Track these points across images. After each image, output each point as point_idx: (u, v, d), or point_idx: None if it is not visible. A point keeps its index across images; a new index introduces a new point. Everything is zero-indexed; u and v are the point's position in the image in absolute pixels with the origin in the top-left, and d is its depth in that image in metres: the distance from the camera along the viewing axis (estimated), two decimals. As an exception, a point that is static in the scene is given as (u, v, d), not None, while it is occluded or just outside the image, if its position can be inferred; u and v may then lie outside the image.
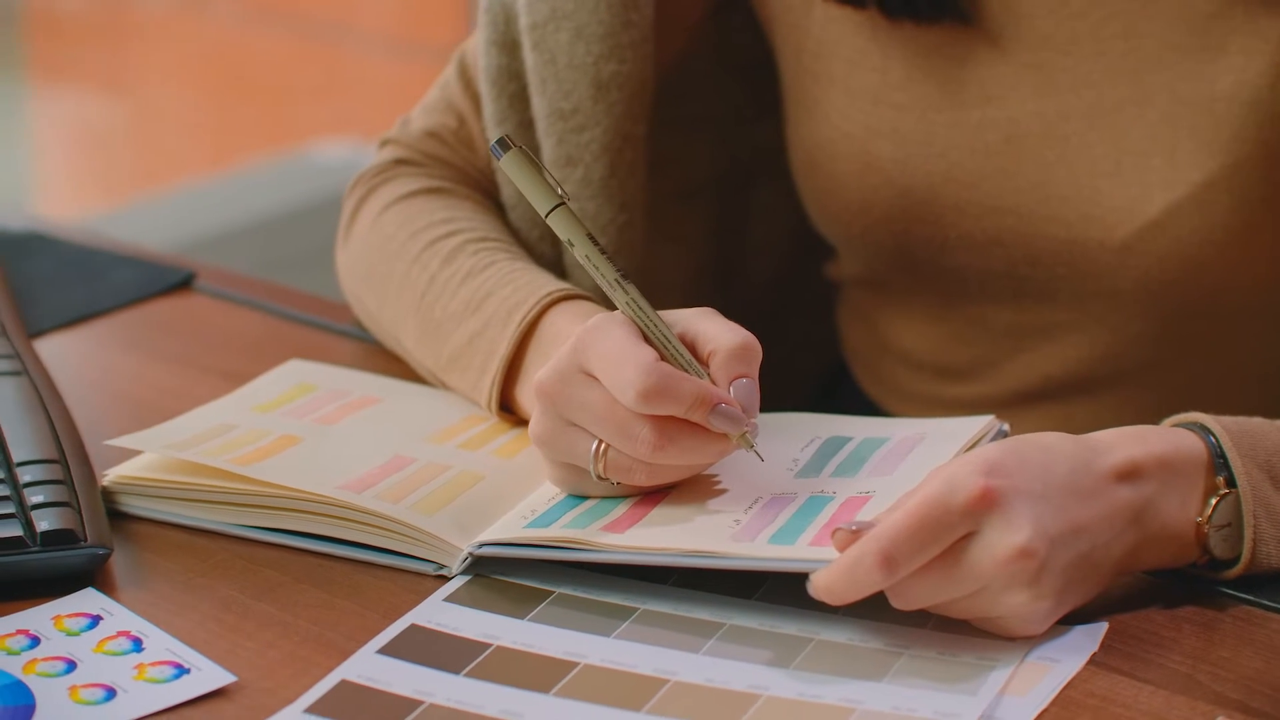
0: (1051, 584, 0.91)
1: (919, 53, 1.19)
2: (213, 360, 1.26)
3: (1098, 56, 1.16)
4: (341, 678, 0.89)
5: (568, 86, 1.20)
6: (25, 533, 0.96)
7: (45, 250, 1.44)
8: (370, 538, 1.00)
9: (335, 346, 1.29)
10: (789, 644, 0.92)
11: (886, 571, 0.89)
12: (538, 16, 1.20)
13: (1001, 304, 1.23)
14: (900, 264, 1.25)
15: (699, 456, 0.98)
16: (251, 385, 1.17)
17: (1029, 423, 1.24)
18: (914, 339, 1.30)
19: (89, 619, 0.94)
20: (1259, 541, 0.96)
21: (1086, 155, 1.16)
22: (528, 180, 1.01)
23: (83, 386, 1.22)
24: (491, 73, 1.24)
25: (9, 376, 1.14)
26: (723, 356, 0.99)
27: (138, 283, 1.38)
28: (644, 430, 0.96)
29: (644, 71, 1.21)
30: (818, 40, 1.23)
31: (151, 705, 0.87)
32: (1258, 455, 0.97)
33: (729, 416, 0.97)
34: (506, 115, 1.24)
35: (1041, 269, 1.19)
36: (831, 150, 1.23)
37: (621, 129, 1.21)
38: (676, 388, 0.96)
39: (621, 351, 0.96)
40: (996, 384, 1.27)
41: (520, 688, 0.89)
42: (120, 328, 1.32)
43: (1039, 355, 1.24)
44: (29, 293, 1.35)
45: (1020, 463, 0.92)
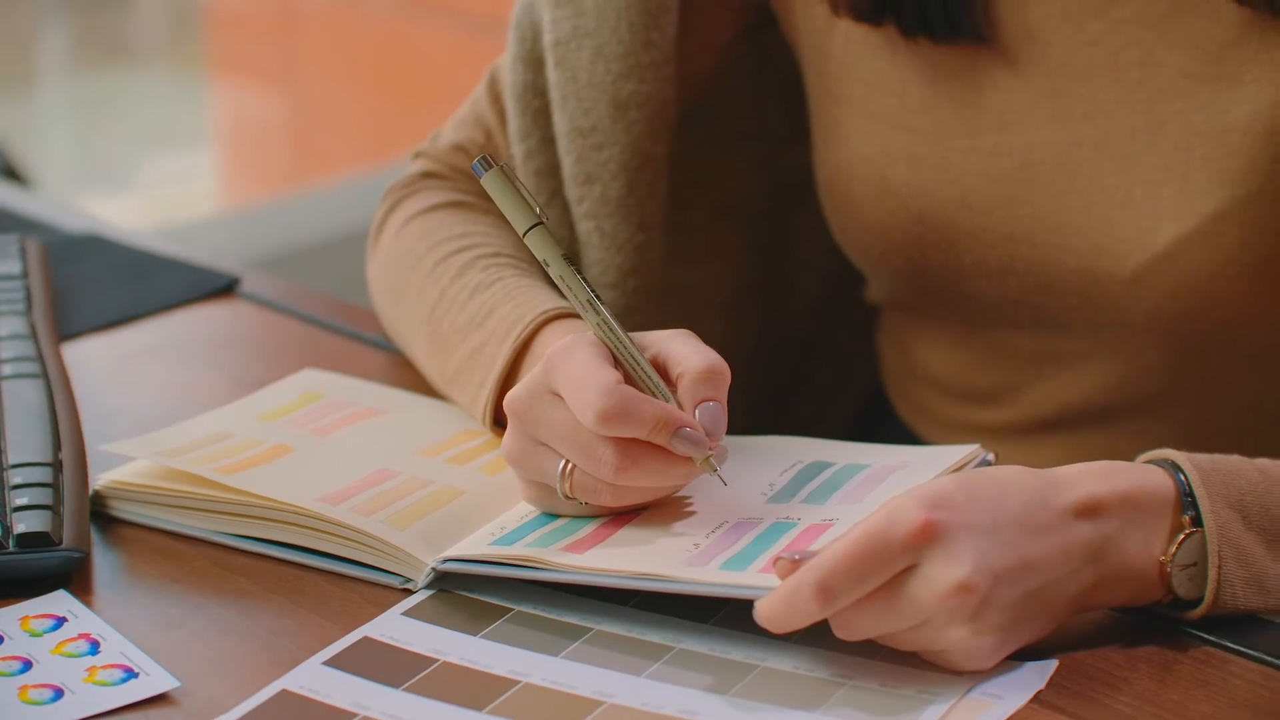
0: (995, 620, 0.91)
1: (937, 77, 1.20)
2: (242, 366, 1.30)
3: (1113, 84, 1.16)
4: (283, 687, 0.93)
5: (587, 104, 1.23)
6: (1, 534, 1.00)
7: (99, 253, 1.49)
8: (341, 549, 1.03)
9: (368, 357, 1.33)
10: (733, 670, 0.94)
11: (823, 602, 0.90)
12: (561, 34, 1.23)
13: (1019, 331, 1.24)
14: (919, 289, 1.26)
15: (662, 479, 1.00)
16: (260, 393, 1.21)
17: (1050, 450, 1.25)
18: (940, 363, 1.31)
19: (54, 620, 0.98)
20: (1223, 582, 0.96)
21: (1099, 184, 1.16)
22: (507, 199, 1.04)
23: (107, 388, 1.26)
24: (517, 89, 1.27)
25: (26, 379, 1.19)
26: (689, 379, 1.01)
27: (181, 287, 1.42)
28: (607, 451, 0.98)
29: (665, 92, 1.23)
30: (839, 62, 1.24)
31: (95, 707, 0.91)
32: (1229, 494, 0.97)
33: (690, 440, 0.99)
34: (530, 131, 1.26)
35: (1054, 298, 1.20)
36: (850, 173, 1.25)
37: (640, 148, 1.23)
38: (636, 410, 0.98)
39: (584, 373, 0.99)
40: (1019, 410, 1.27)
41: (455, 704, 0.91)
42: (157, 331, 1.37)
43: (1057, 383, 1.24)
44: (75, 294, 1.41)
45: (969, 497, 0.93)
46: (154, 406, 1.23)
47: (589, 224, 1.25)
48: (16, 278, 1.37)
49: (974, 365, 1.28)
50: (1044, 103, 1.18)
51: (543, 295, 1.14)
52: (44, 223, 1.59)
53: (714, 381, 1.01)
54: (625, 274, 1.25)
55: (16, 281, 1.36)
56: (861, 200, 1.24)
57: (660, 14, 1.22)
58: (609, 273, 1.25)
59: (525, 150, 1.27)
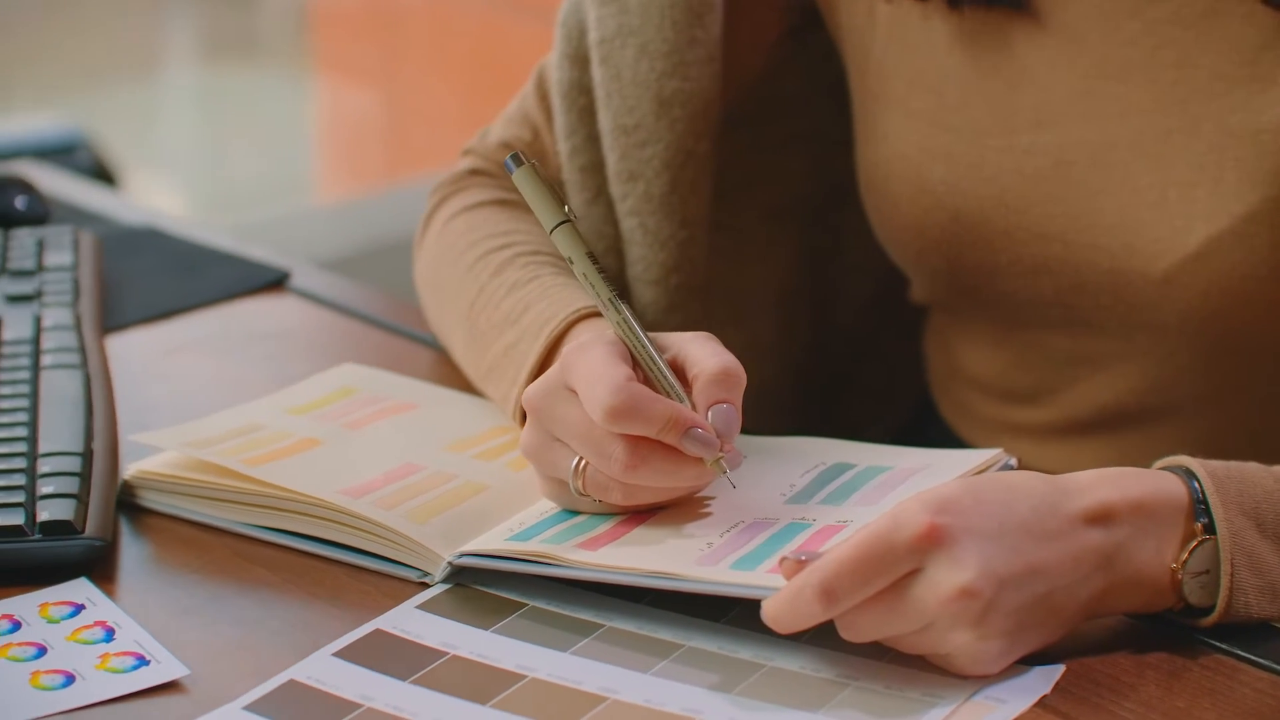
0: (1000, 625, 0.92)
1: (975, 76, 1.21)
2: (286, 361, 1.32)
3: (1148, 85, 1.16)
4: (290, 677, 0.94)
5: (631, 102, 1.24)
6: (26, 522, 1.03)
7: (155, 245, 1.52)
8: (361, 542, 1.05)
9: (414, 354, 1.34)
10: (740, 669, 0.95)
11: (826, 603, 0.91)
12: (606, 31, 1.24)
13: (1055, 331, 1.24)
14: (956, 287, 1.26)
15: (671, 480, 1.01)
16: (296, 387, 1.23)
17: (1089, 451, 1.25)
18: (980, 362, 1.31)
19: (73, 607, 1.00)
20: (1236, 590, 0.96)
21: (1132, 184, 1.16)
22: (537, 196, 1.06)
23: (149, 380, 1.29)
24: (563, 86, 1.28)
25: (66, 369, 1.21)
26: (704, 381, 1.02)
27: (231, 281, 1.45)
28: (617, 449, 1.00)
29: (709, 89, 1.24)
30: (879, 60, 1.25)
31: (103, 694, 0.93)
32: (1244, 502, 0.97)
33: (701, 441, 1.00)
34: (575, 128, 1.28)
35: (1088, 298, 1.20)
36: (888, 170, 1.25)
37: (683, 145, 1.24)
38: (647, 408, 0.99)
39: (596, 370, 1.00)
40: (1058, 410, 1.27)
41: (460, 697, 0.93)
42: (204, 324, 1.39)
43: (1093, 384, 1.24)
44: (128, 286, 1.43)
45: (976, 501, 0.93)
46: (193, 398, 1.25)
47: (632, 221, 1.26)
48: (67, 269, 1.39)
49: (1013, 365, 1.29)
50: (1080, 102, 1.18)
51: (577, 293, 1.16)
52: (105, 215, 1.62)
53: (728, 384, 1.02)
54: (668, 271, 1.26)
55: (66, 273, 1.39)
56: (899, 198, 1.25)
57: (704, 11, 1.23)
58: (651, 269, 1.26)
59: (570, 147, 1.28)
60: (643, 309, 1.27)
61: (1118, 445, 1.25)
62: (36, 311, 1.31)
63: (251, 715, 0.91)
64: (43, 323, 1.29)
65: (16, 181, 1.55)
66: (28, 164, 1.78)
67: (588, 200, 1.28)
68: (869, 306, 1.46)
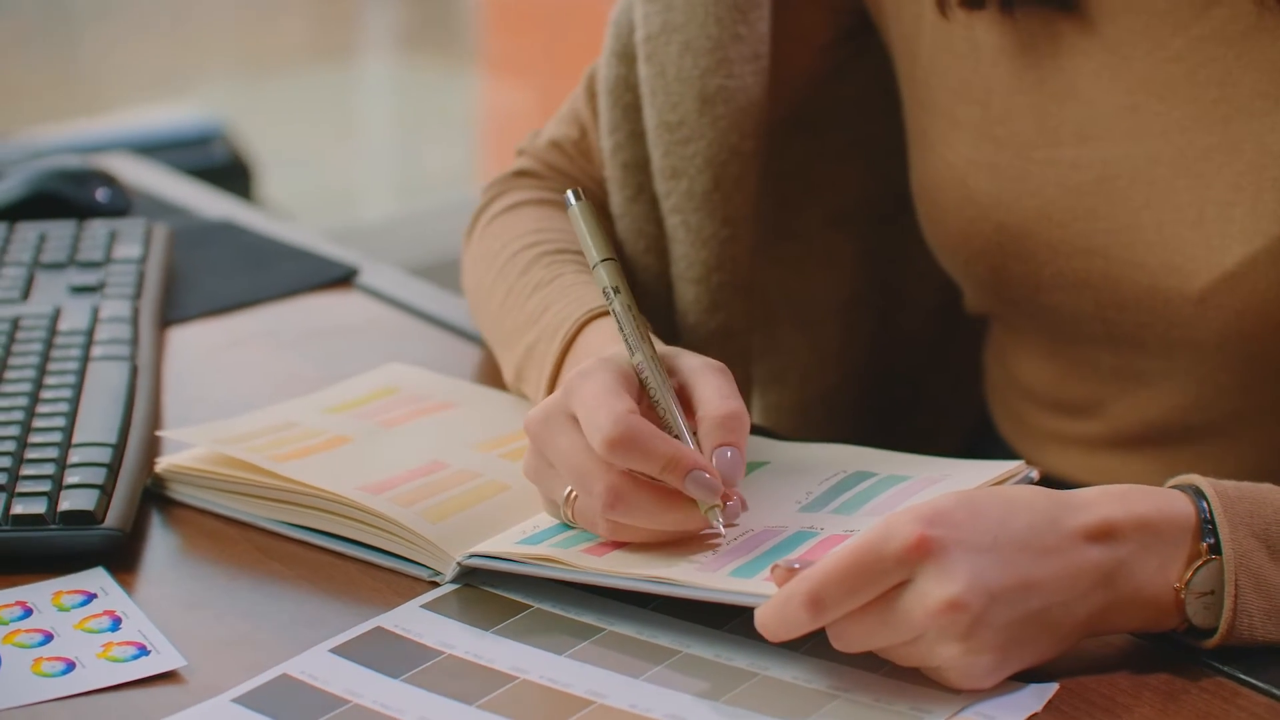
0: (990, 639, 0.92)
1: (1019, 88, 1.21)
2: (342, 358, 1.35)
3: (1191, 102, 1.15)
4: (284, 672, 0.97)
5: (675, 99, 1.25)
6: (47, 510, 1.06)
7: (229, 240, 1.55)
8: (375, 539, 1.07)
9: (469, 353, 1.37)
10: (733, 676, 0.96)
11: (813, 612, 0.92)
12: (652, 28, 1.26)
13: (1100, 346, 1.24)
14: (1003, 299, 1.26)
15: (649, 523, 1.00)
16: (339, 385, 1.25)
17: (1138, 465, 1.25)
18: (1031, 373, 1.31)
19: (85, 596, 1.03)
20: (1240, 612, 0.95)
21: (1172, 202, 1.16)
22: (590, 229, 1.07)
23: (202, 373, 1.32)
24: (610, 83, 1.30)
25: (114, 361, 1.25)
26: (710, 423, 1.01)
27: (298, 276, 1.48)
28: (599, 485, 1.00)
29: (754, 88, 1.25)
30: (926, 69, 1.25)
31: (100, 682, 0.96)
32: (1254, 523, 0.96)
33: (703, 484, 0.99)
34: (619, 124, 1.29)
35: (1129, 314, 1.19)
36: (935, 179, 1.25)
37: (727, 143, 1.25)
38: (648, 444, 0.99)
39: (599, 399, 1.00)
40: (1107, 423, 1.27)
41: (447, 696, 0.94)
42: (266, 318, 1.42)
43: (1139, 399, 1.24)
44: (198, 279, 1.47)
45: (971, 514, 0.93)
46: (243, 393, 1.28)
47: (675, 219, 1.27)
48: (134, 261, 1.43)
49: (1062, 377, 1.28)
50: (1124, 118, 1.17)
51: (594, 291, 1.17)
52: (187, 209, 1.66)
53: (734, 428, 1.01)
54: (710, 269, 1.27)
55: (132, 265, 1.42)
56: (945, 207, 1.25)
57: (748, 9, 1.24)
58: (694, 268, 1.27)
59: (614, 143, 1.30)
60: (685, 307, 1.28)
61: (1165, 461, 1.24)
62: (96, 303, 1.35)
63: (239, 708, 0.94)
64: (100, 314, 1.32)
65: (97, 174, 1.59)
66: (120, 157, 1.82)
67: (628, 198, 1.29)
68: (934, 315, 1.46)
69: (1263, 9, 1.13)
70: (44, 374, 1.22)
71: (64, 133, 3.24)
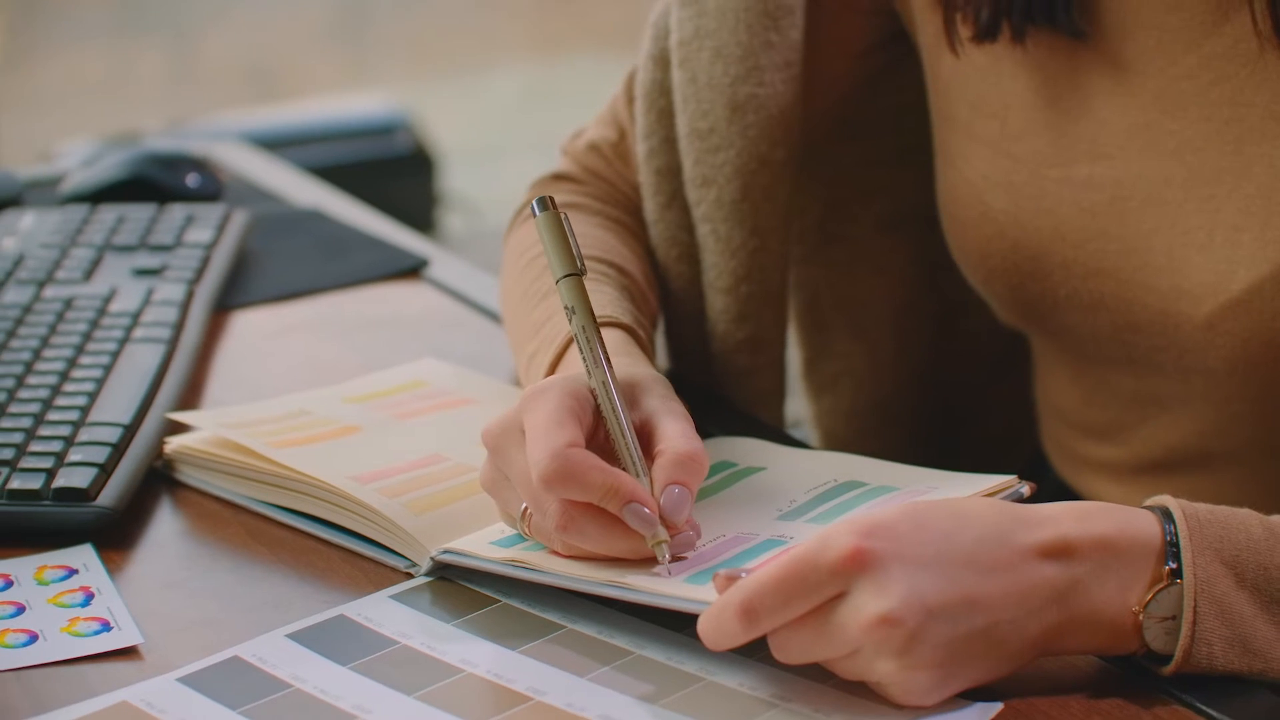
0: (928, 656, 0.91)
1: (1036, 104, 1.20)
2: (389, 348, 1.38)
3: (1204, 121, 1.14)
4: (235, 654, 0.99)
5: (705, 106, 1.26)
6: (43, 486, 1.10)
7: (311, 228, 1.59)
8: (360, 527, 1.09)
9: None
10: (678, 681, 0.97)
11: (746, 622, 0.92)
12: (685, 33, 1.26)
13: (1119, 369, 1.23)
14: (1024, 317, 1.26)
15: (600, 547, 1.01)
16: (369, 376, 1.28)
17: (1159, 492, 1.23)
18: (1061, 394, 1.30)
19: (66, 571, 1.07)
20: (1198, 640, 0.94)
21: (1182, 224, 1.15)
22: (553, 242, 1.07)
23: (247, 358, 1.36)
24: (645, 86, 1.31)
25: (151, 343, 1.29)
26: (665, 460, 1.01)
27: (368, 265, 1.51)
28: (552, 506, 1.00)
29: (785, 96, 1.25)
30: (947, 81, 1.25)
31: (57, 655, 0.99)
32: (1223, 549, 0.95)
33: (639, 517, 0.99)
34: (653, 130, 1.30)
35: (1143, 337, 1.18)
36: (954, 194, 1.25)
37: (756, 152, 1.25)
38: (583, 476, 0.98)
39: (541, 428, 1.00)
40: (1131, 449, 1.26)
41: (387, 686, 0.96)
42: (326, 306, 1.46)
43: (1159, 425, 1.23)
44: (270, 265, 1.51)
45: (915, 527, 0.93)
46: (281, 378, 1.32)
47: (705, 227, 1.28)
48: (202, 246, 1.47)
49: (1088, 400, 1.27)
50: (1138, 136, 1.16)
51: (597, 300, 1.17)
52: (280, 196, 1.70)
53: (690, 468, 1.01)
54: (738, 279, 1.27)
55: (199, 250, 1.46)
56: (965, 224, 1.24)
57: (780, 16, 1.24)
58: (722, 277, 1.27)
59: (648, 149, 1.30)
60: (714, 317, 1.28)
61: (1188, 488, 1.22)
62: (153, 286, 1.39)
63: (182, 686, 0.96)
64: (153, 297, 1.37)
65: (190, 160, 1.64)
66: (232, 145, 1.87)
67: (662, 204, 1.30)
68: (999, 325, 1.45)
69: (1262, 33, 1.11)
70: (80, 353, 1.27)
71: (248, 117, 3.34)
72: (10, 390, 1.21)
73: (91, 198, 1.60)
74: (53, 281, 1.40)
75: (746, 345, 1.28)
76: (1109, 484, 1.27)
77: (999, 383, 1.43)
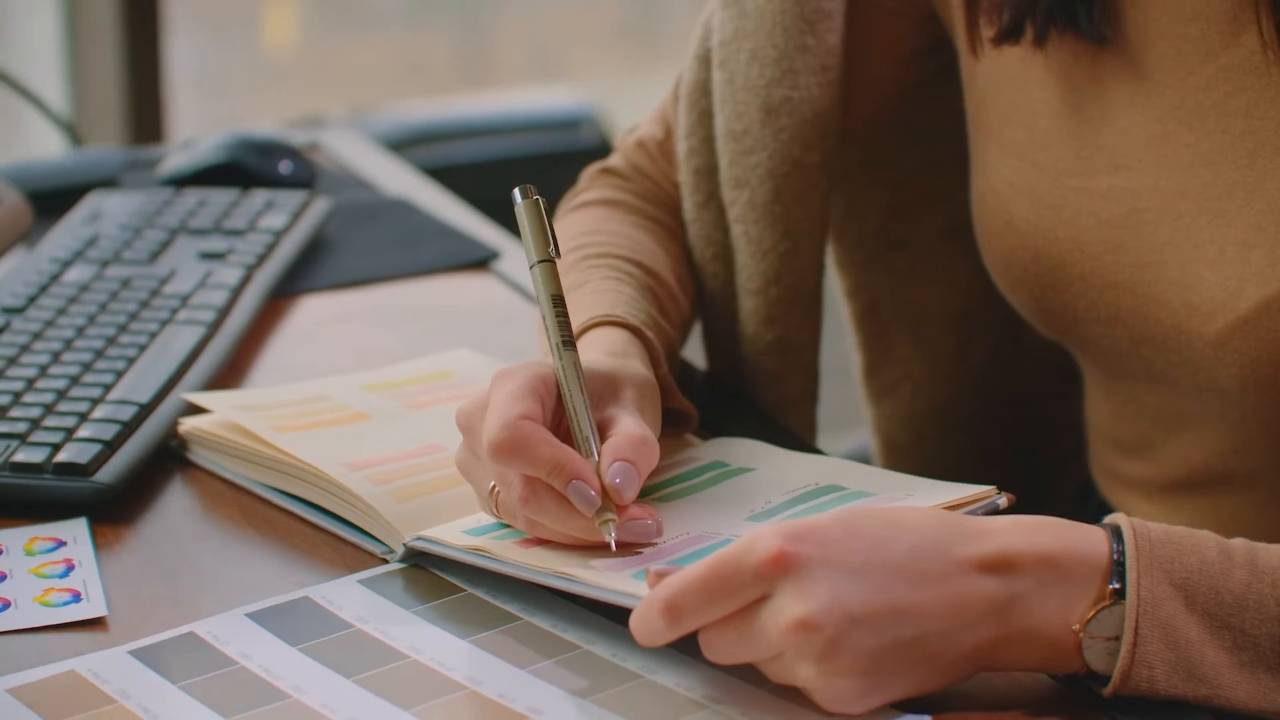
0: (849, 663, 0.92)
1: (1062, 112, 1.19)
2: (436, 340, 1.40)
3: (1219, 134, 1.13)
4: (191, 630, 1.03)
5: (740, 108, 1.27)
6: (45, 460, 1.15)
7: (394, 217, 1.63)
8: (345, 512, 1.13)
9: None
10: (616, 677, 0.98)
11: (669, 620, 0.94)
12: (725, 34, 1.28)
13: (1141, 384, 1.22)
14: (1050, 328, 1.26)
15: (558, 524, 1.03)
16: (397, 365, 1.31)
17: (1186, 511, 1.23)
18: (1096, 408, 1.30)
19: (55, 543, 1.11)
20: (1138, 662, 0.93)
21: (1194, 239, 1.14)
22: (530, 229, 1.10)
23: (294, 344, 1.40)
24: (689, 86, 1.32)
25: (191, 325, 1.33)
26: (615, 439, 1.04)
27: (439, 255, 1.54)
28: (516, 479, 1.03)
29: (821, 100, 1.26)
30: (981, 88, 1.25)
31: (24, 623, 1.03)
32: (1174, 570, 0.94)
33: (580, 494, 1.01)
34: (693, 129, 1.32)
35: (1159, 352, 1.17)
36: (982, 203, 1.25)
37: (789, 155, 1.26)
38: (531, 449, 1.01)
39: (500, 401, 1.03)
40: (1158, 466, 1.25)
41: (330, 668, 0.99)
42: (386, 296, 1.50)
43: (1182, 442, 1.22)
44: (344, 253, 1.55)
45: (846, 533, 0.94)
46: (320, 365, 1.36)
47: (738, 228, 1.29)
48: (273, 232, 1.51)
49: (1120, 414, 1.27)
50: (1156, 147, 1.15)
51: (608, 300, 1.19)
52: (375, 185, 1.74)
53: (638, 447, 1.03)
54: (768, 281, 1.28)
55: (268, 236, 1.51)
56: (991, 233, 1.24)
57: (817, 20, 1.25)
58: (753, 279, 1.28)
59: (687, 148, 1.32)
60: (744, 318, 1.29)
61: (1211, 508, 1.22)
62: (212, 269, 1.44)
63: (132, 659, 1.00)
64: (208, 280, 1.41)
65: (283, 147, 1.69)
66: (336, 132, 1.92)
67: (699, 204, 1.31)
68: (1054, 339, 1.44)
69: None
70: (122, 332, 1.31)
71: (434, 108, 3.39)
72: (43, 366, 1.26)
73: (186, 181, 1.65)
74: (117, 261, 1.45)
75: (775, 347, 1.29)
76: (1141, 501, 1.26)
77: (1061, 399, 1.42)
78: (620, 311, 1.17)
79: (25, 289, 1.39)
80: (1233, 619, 0.94)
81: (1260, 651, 0.94)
